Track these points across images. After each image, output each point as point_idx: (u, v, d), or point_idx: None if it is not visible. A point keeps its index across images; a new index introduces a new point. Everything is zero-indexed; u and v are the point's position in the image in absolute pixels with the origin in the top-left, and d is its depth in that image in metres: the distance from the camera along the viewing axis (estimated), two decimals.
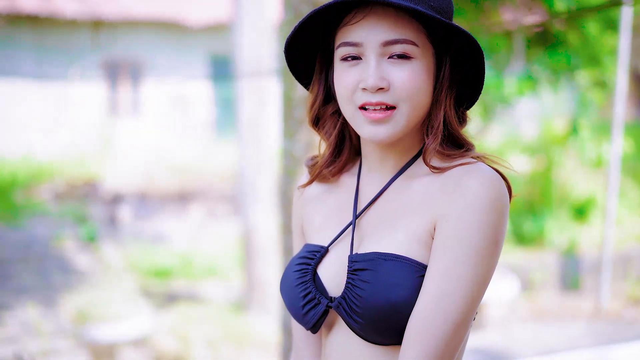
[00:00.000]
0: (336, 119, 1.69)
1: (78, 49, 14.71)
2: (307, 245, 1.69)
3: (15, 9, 13.76)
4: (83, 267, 8.76)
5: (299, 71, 1.69)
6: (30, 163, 13.01)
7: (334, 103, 1.67)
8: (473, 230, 1.40)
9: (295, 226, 1.86)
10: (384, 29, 1.46)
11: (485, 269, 1.41)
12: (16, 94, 14.50)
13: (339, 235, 1.62)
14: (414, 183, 1.55)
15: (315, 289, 1.58)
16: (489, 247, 1.41)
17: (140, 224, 11.01)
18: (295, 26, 1.52)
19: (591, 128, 10.04)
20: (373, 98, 1.47)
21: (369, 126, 1.50)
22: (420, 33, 1.48)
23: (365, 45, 1.48)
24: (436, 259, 1.42)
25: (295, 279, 1.62)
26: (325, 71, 1.67)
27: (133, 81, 15.72)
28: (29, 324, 6.90)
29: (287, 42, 1.58)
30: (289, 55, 1.63)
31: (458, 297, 1.39)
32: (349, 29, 1.50)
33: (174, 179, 12.69)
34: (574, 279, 8.36)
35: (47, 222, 10.62)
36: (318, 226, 1.71)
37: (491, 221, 1.41)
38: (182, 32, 15.66)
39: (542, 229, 9.49)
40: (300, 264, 1.64)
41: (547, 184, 10.17)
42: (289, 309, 1.64)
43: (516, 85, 8.77)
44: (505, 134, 12.24)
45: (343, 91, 1.52)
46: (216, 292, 8.14)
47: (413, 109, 1.49)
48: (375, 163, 1.63)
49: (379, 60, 1.47)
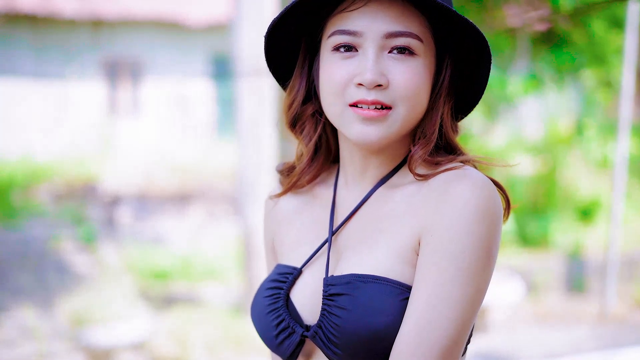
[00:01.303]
0: (317, 120, 1.51)
1: (77, 48, 14.70)
2: (278, 266, 1.53)
3: (14, 9, 13.74)
4: (81, 269, 8.71)
5: (276, 65, 1.51)
6: (28, 163, 12.97)
7: (314, 102, 1.49)
8: (462, 244, 1.24)
9: (267, 243, 1.69)
10: (388, 19, 1.31)
11: (476, 287, 1.25)
12: (15, 94, 14.49)
13: (313, 255, 1.45)
14: (396, 193, 1.40)
15: (288, 315, 1.41)
16: (480, 262, 1.24)
17: (139, 225, 10.94)
18: (282, 11, 1.34)
19: (597, 128, 10.01)
20: (369, 95, 1.31)
21: (360, 125, 1.33)
22: (425, 29, 1.34)
23: (365, 35, 1.32)
24: (421, 278, 1.26)
25: (266, 306, 1.45)
26: (308, 65, 1.49)
27: (133, 81, 15.71)
28: (26, 327, 6.84)
29: (269, 29, 1.40)
30: (269, 47, 1.45)
31: (446, 320, 1.23)
32: (346, 15, 1.33)
33: (174, 180, 12.65)
34: (579, 282, 8.29)
35: (45, 223, 10.55)
36: (291, 244, 1.55)
37: (483, 232, 1.25)
38: (182, 32, 15.65)
39: (547, 231, 9.42)
40: (271, 288, 1.47)
41: (552, 185, 10.09)
42: (262, 338, 1.47)
43: (520, 84, 8.71)
44: (509, 134, 12.15)
45: (333, 86, 1.35)
46: (216, 294, 8.08)
47: (410, 111, 1.34)
48: (355, 172, 1.47)
49: (379, 54, 1.32)
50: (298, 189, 1.59)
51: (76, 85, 14.80)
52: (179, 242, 9.99)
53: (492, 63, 1.36)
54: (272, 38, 1.43)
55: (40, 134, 14.45)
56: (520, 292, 7.70)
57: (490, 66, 1.36)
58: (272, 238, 1.65)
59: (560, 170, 10.37)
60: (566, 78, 9.02)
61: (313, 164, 1.55)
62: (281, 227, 1.61)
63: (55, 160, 13.38)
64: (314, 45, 1.47)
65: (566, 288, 8.34)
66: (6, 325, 6.95)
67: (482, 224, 1.25)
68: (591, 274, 8.40)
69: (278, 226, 1.62)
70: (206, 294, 8.11)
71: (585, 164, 10.50)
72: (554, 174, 10.29)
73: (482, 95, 1.41)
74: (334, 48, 1.35)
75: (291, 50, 1.49)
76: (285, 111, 1.52)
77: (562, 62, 8.55)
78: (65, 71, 14.67)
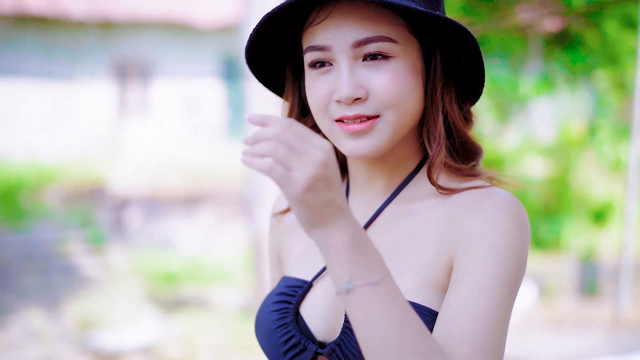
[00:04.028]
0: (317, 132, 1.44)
1: (86, 49, 14.75)
2: (285, 278, 1.45)
3: (23, 10, 13.77)
4: (89, 272, 8.72)
5: (272, 81, 1.47)
6: (36, 165, 12.99)
7: (311, 115, 1.42)
8: (498, 258, 1.18)
9: (272, 256, 1.61)
10: (354, 27, 1.22)
11: (510, 291, 1.20)
12: (24, 95, 14.53)
13: (325, 268, 1.37)
14: (414, 206, 1.33)
15: (299, 332, 1.33)
16: (514, 275, 1.19)
17: (148, 228, 10.94)
18: (250, 34, 1.28)
19: (610, 130, 9.95)
20: (350, 111, 1.24)
21: (349, 141, 1.26)
22: (399, 26, 1.24)
23: (334, 48, 1.24)
24: (463, 279, 1.19)
25: (274, 321, 1.37)
26: (298, 80, 1.44)
27: (142, 82, 15.73)
28: (32, 329, 6.84)
29: (246, 53, 1.35)
30: (255, 65, 1.40)
31: (495, 321, 1.17)
32: (313, 30, 1.26)
33: (183, 182, 12.64)
34: (592, 285, 8.24)
35: (52, 226, 10.55)
36: (298, 256, 1.47)
37: (516, 246, 1.20)
38: (191, 33, 15.66)
39: (560, 234, 9.38)
40: (279, 302, 1.39)
41: (565, 188, 10.05)
42: (267, 355, 1.39)
43: (533, 85, 8.65)
44: (521, 136, 12.11)
45: (316, 104, 1.29)
46: (224, 298, 8.06)
47: (400, 116, 1.25)
48: (362, 181, 1.40)
49: (352, 65, 1.24)
50: None
51: (85, 87, 14.83)
52: (188, 244, 9.98)
53: (479, 46, 1.25)
54: (257, 57, 1.39)
55: (48, 136, 14.47)
56: (533, 296, 7.67)
57: (478, 50, 1.26)
58: (279, 249, 1.59)
59: (572, 173, 10.32)
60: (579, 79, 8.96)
61: None
62: (288, 238, 1.54)
63: (63, 162, 13.40)
64: (299, 60, 1.42)
65: (579, 292, 8.31)
66: (13, 328, 6.95)
67: (515, 238, 1.20)
68: (604, 277, 8.37)
69: (284, 236, 1.56)
70: (215, 297, 8.09)
71: (598, 166, 10.45)
72: (567, 177, 10.25)
73: (484, 77, 1.32)
74: (310, 64, 1.29)
75: (282, 64, 1.44)
76: None
77: (575, 63, 8.49)
78: (74, 72, 14.69)
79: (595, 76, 8.94)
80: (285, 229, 1.55)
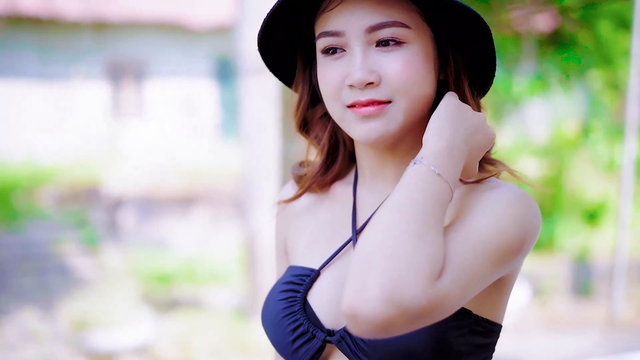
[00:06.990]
0: (326, 121, 1.47)
1: (81, 50, 14.73)
2: (291, 267, 1.46)
3: (18, 11, 13.76)
4: (84, 272, 8.70)
5: (282, 69, 1.48)
6: (31, 165, 12.98)
7: (323, 104, 1.44)
8: (498, 222, 1.18)
9: (278, 245, 1.61)
10: (368, 12, 1.25)
11: (502, 252, 1.18)
12: (19, 96, 14.52)
13: (334, 255, 1.38)
14: None
15: (307, 320, 1.34)
16: (508, 242, 1.19)
17: (142, 228, 10.92)
18: (265, 19, 1.30)
19: (603, 130, 9.95)
20: (362, 96, 1.26)
21: (361, 124, 1.28)
22: (412, 13, 1.26)
23: (348, 33, 1.26)
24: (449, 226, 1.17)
25: (282, 309, 1.37)
26: (309, 68, 1.45)
27: (137, 83, 15.74)
28: (27, 330, 6.82)
29: (259, 38, 1.37)
30: (266, 52, 1.42)
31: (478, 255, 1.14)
32: (327, 15, 1.29)
33: (178, 182, 12.63)
34: (586, 286, 8.25)
35: (47, 226, 10.54)
36: (305, 245, 1.48)
37: (519, 223, 1.21)
38: (185, 34, 15.67)
39: (553, 234, 9.37)
40: (286, 291, 1.40)
41: (558, 188, 10.03)
42: (275, 344, 1.39)
43: (526, 86, 8.66)
44: (515, 136, 12.11)
45: (328, 89, 1.31)
46: (220, 298, 8.05)
47: (411, 102, 1.28)
48: (372, 170, 1.41)
49: (366, 50, 1.26)
50: (312, 191, 1.54)
51: (80, 87, 14.82)
52: (182, 245, 9.96)
53: (492, 35, 1.28)
54: (268, 44, 1.41)
55: (43, 136, 14.46)
56: (526, 296, 7.66)
57: (490, 36, 1.28)
58: (285, 238, 1.59)
59: (566, 173, 10.30)
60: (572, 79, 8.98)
61: (331, 166, 1.51)
62: (294, 226, 1.54)
63: (58, 163, 13.39)
64: (312, 47, 1.43)
65: (573, 292, 8.30)
66: (8, 329, 6.93)
67: (524, 212, 1.23)
68: (598, 277, 8.36)
69: (291, 225, 1.56)
70: (210, 297, 8.08)
71: (592, 166, 10.45)
72: (560, 177, 10.24)
73: (495, 67, 1.35)
74: (323, 51, 1.31)
75: (292, 52, 1.46)
76: (294, 115, 1.49)
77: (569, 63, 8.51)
78: (69, 73, 14.69)
79: (589, 76, 8.95)
80: (291, 217, 1.56)
